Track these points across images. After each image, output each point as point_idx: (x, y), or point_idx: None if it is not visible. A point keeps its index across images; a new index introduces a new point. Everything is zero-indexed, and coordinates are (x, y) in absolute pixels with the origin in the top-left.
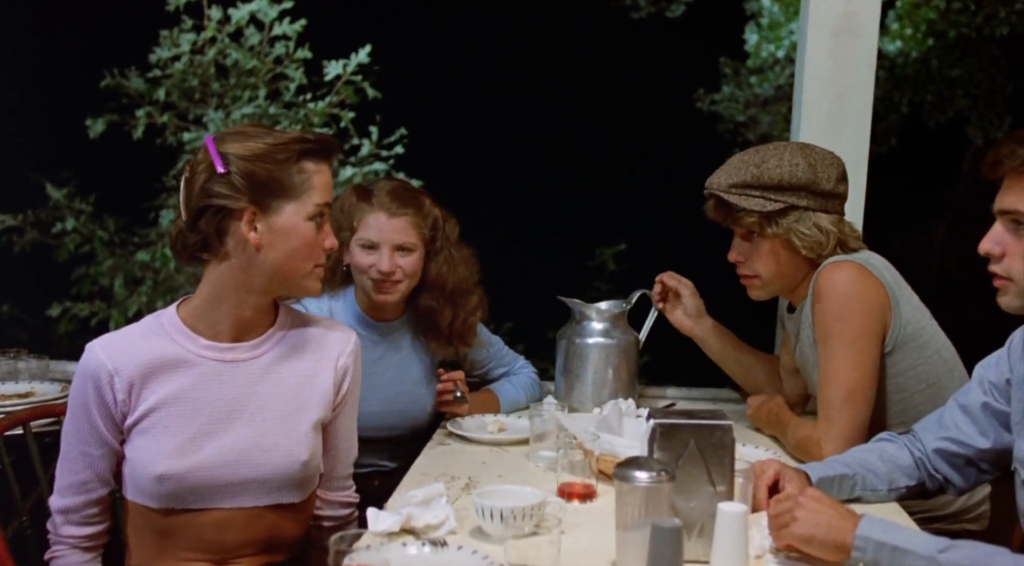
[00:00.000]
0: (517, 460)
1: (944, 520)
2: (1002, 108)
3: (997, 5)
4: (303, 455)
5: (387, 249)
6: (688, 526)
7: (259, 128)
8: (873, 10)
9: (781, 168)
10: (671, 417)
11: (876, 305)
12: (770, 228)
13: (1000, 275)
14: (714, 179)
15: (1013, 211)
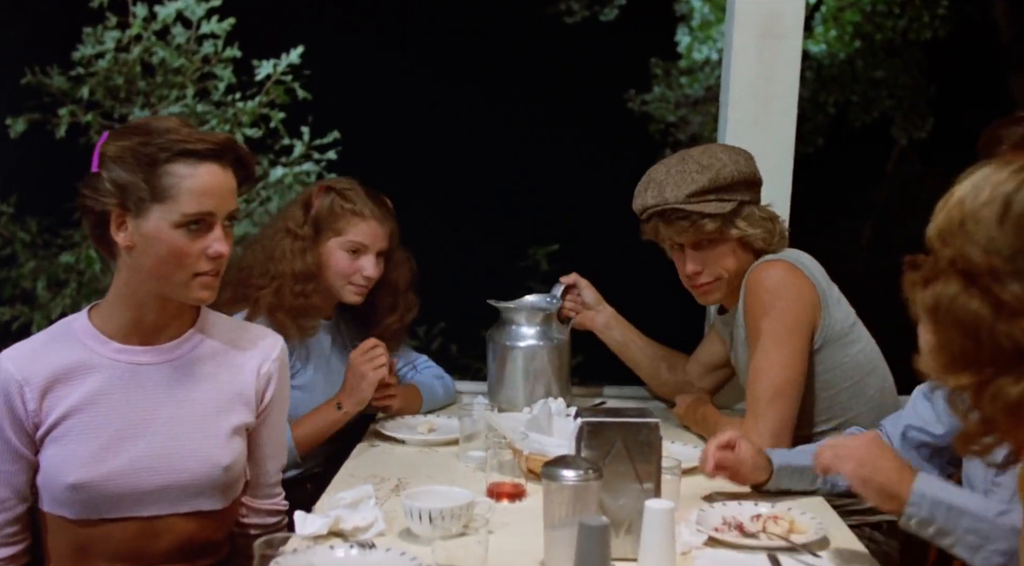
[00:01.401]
0: (447, 461)
1: (865, 513)
2: (925, 109)
3: (920, 10)
4: (224, 460)
5: (374, 255)
6: (616, 524)
7: (151, 122)
8: (797, 12)
9: (727, 167)
10: (598, 416)
11: (806, 303)
12: (730, 229)
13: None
14: (666, 191)
15: None
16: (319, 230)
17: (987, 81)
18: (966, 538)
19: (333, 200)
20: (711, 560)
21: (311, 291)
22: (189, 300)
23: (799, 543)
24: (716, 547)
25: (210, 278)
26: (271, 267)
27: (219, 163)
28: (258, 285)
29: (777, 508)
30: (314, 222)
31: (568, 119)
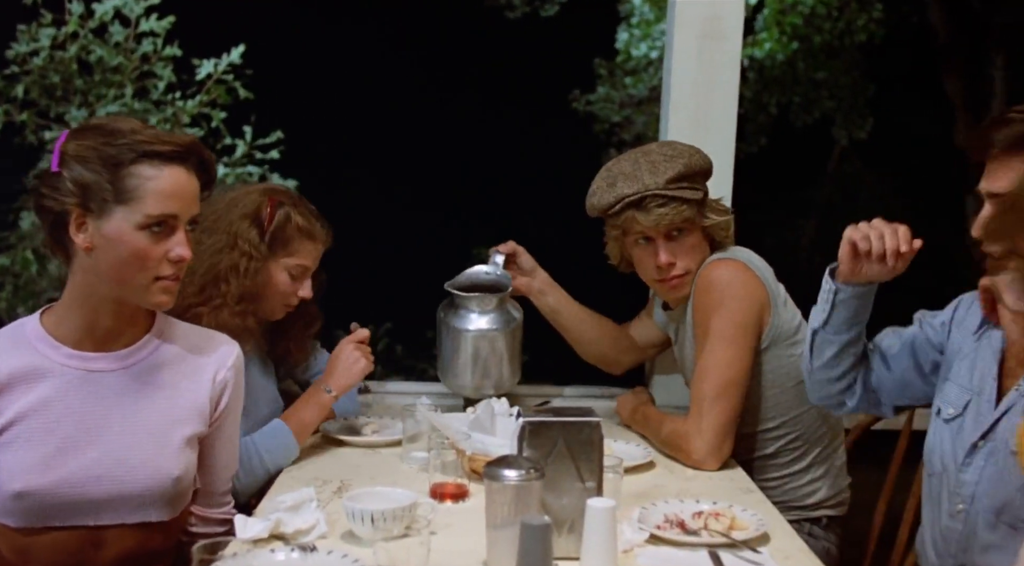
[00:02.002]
0: (390, 462)
1: (805, 509)
2: (864, 110)
3: (857, 13)
4: (175, 471)
5: (310, 277)
6: (558, 523)
7: (114, 122)
8: (737, 14)
9: (695, 157)
10: (540, 415)
11: (756, 303)
12: (702, 218)
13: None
14: (645, 182)
15: (1003, 194)
16: (271, 249)
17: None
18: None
19: (288, 216)
20: (653, 558)
21: (250, 312)
22: (148, 304)
23: (740, 539)
24: (658, 545)
25: (170, 282)
26: (213, 286)
27: (184, 166)
28: (195, 302)
29: (718, 505)
30: (270, 240)
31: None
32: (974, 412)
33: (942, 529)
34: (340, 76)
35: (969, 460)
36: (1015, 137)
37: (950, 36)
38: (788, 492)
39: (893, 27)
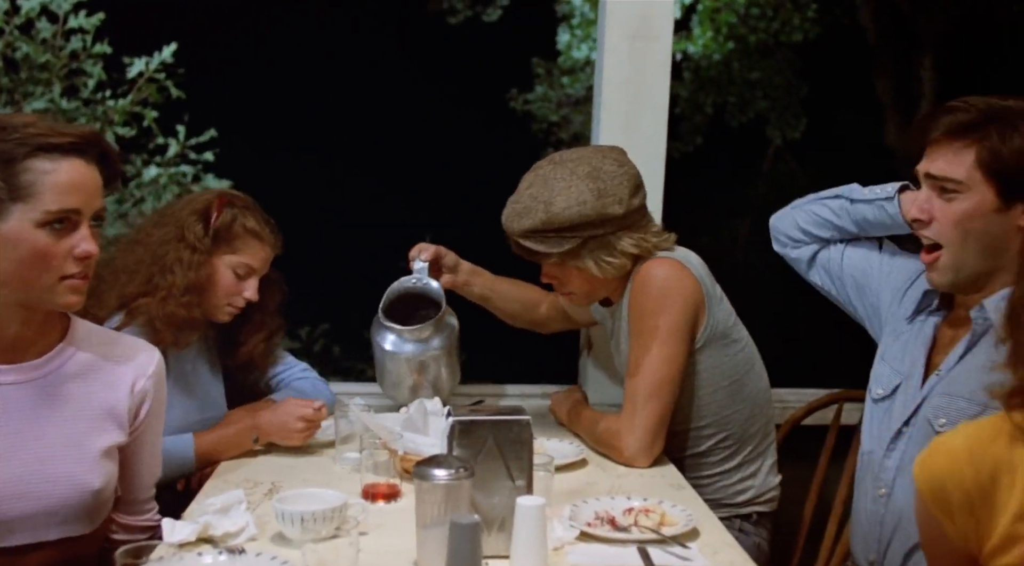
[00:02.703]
0: (323, 463)
1: (736, 506)
2: (798, 109)
3: (791, 13)
4: (95, 483)
5: (257, 278)
6: (488, 522)
7: (7, 118)
8: (666, 14)
9: (569, 209)
10: (470, 415)
11: (691, 302)
12: (572, 262)
13: (928, 239)
14: (509, 222)
15: (941, 177)
16: (216, 245)
17: (856, 82)
18: None
19: (235, 216)
20: (583, 555)
21: (195, 304)
22: (56, 306)
23: (669, 535)
24: (589, 542)
25: (78, 281)
26: (160, 276)
27: (83, 158)
28: (140, 292)
29: (649, 502)
30: (214, 236)
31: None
32: (902, 396)
33: (867, 512)
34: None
35: (893, 445)
36: (958, 124)
37: (880, 37)
38: (720, 489)
39: (825, 28)
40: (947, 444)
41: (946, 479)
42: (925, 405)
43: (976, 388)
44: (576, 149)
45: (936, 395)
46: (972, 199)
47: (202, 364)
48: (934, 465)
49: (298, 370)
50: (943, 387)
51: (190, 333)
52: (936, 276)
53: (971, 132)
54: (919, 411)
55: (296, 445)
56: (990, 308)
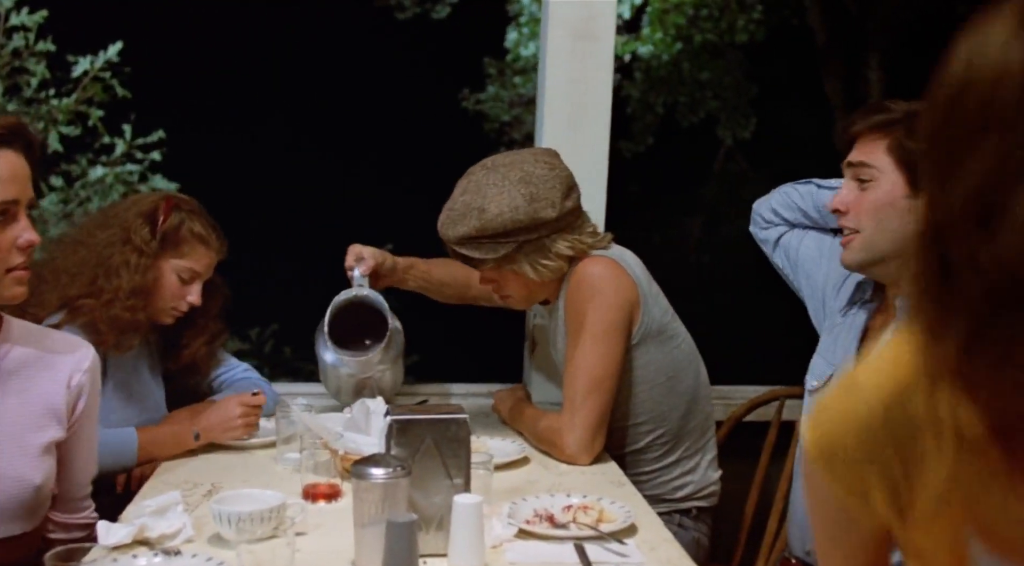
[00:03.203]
0: (264, 463)
1: (675, 501)
2: (747, 110)
3: (737, 14)
4: (36, 479)
5: (201, 283)
6: (427, 520)
7: None
8: (609, 14)
9: (502, 215)
10: (407, 413)
11: (626, 300)
12: (509, 267)
13: (848, 228)
14: (444, 230)
15: (859, 163)
16: (162, 248)
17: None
18: None
19: (183, 220)
20: (521, 552)
21: (140, 307)
22: (3, 299)
23: (606, 532)
24: (527, 539)
25: (22, 272)
26: (104, 279)
27: (12, 149)
28: (83, 293)
29: (588, 499)
30: (161, 239)
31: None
32: None
33: (804, 503)
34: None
35: None
36: (877, 121)
37: (828, 38)
38: (659, 485)
39: (774, 29)
40: (844, 400)
41: (850, 442)
42: None
43: None
44: (508, 153)
45: None
46: (885, 186)
47: (143, 368)
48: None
49: (240, 371)
50: None
51: (133, 336)
52: (847, 255)
53: (887, 127)
54: None
55: (239, 438)
56: None
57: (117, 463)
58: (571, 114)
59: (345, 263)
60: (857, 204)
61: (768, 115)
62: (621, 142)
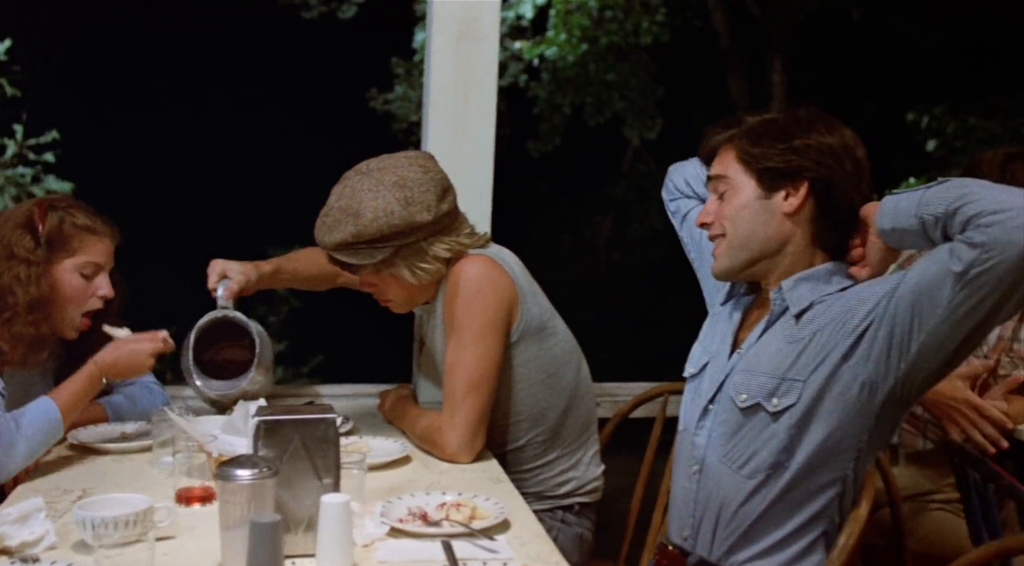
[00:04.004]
0: (140, 468)
1: (558, 498)
2: (654, 111)
3: (640, 16)
4: None
5: (107, 274)
6: (296, 521)
7: None
8: (492, 15)
9: (377, 220)
10: (275, 414)
11: (504, 298)
12: (387, 271)
13: (716, 235)
14: (320, 236)
15: (716, 176)
16: (51, 252)
17: (710, 84)
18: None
19: (62, 218)
20: (392, 550)
21: (43, 319)
22: None
23: (478, 528)
24: (399, 537)
25: None
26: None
27: None
28: None
29: (463, 496)
30: (46, 244)
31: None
32: (710, 374)
33: (682, 490)
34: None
35: (702, 423)
36: (727, 136)
37: (732, 41)
38: (541, 482)
39: (678, 31)
40: None
41: None
42: (728, 382)
43: (773, 364)
44: (383, 157)
45: (737, 372)
46: (739, 193)
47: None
48: None
49: None
50: (744, 364)
51: (39, 351)
52: (716, 264)
53: (733, 139)
54: (723, 388)
55: (147, 369)
56: (786, 289)
57: (50, 435)
58: (456, 115)
59: (208, 284)
60: (719, 214)
61: (674, 115)
62: (529, 142)
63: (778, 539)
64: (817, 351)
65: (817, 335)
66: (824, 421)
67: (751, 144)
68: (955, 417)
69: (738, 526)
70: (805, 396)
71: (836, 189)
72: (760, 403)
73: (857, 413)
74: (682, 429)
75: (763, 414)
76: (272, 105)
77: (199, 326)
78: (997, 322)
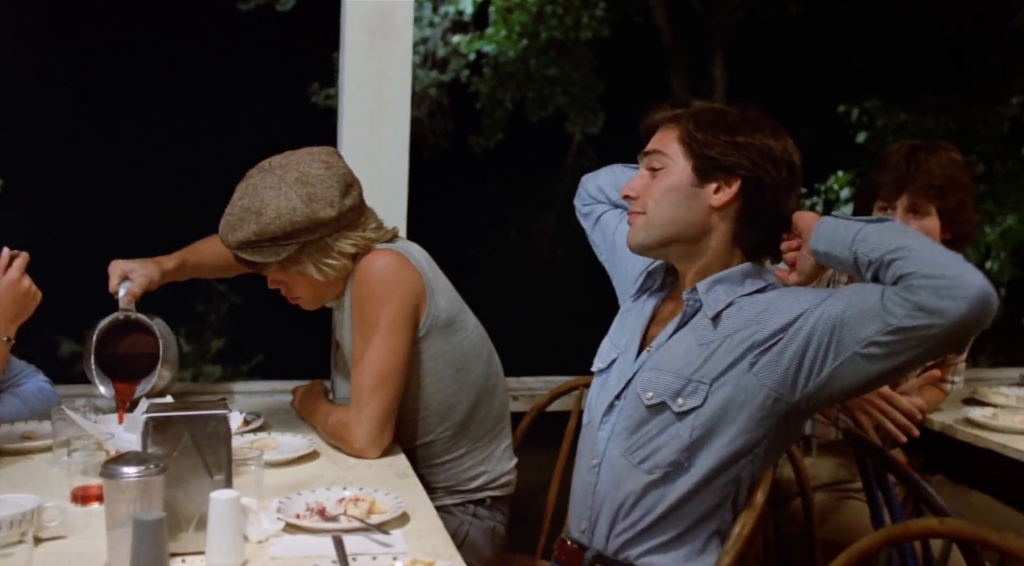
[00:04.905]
0: (39, 467)
1: (469, 492)
2: (596, 105)
3: (580, 11)
4: None
5: None
6: (187, 518)
7: None
8: (406, 10)
9: (280, 218)
10: (164, 410)
11: (411, 293)
12: (293, 268)
13: (636, 212)
14: (224, 236)
15: (652, 151)
16: None
17: (652, 78)
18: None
19: None
20: (286, 546)
21: None
22: None
23: (374, 523)
24: (296, 533)
25: None
26: None
27: None
28: None
29: (363, 491)
30: None
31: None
32: (618, 370)
33: (583, 482)
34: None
35: (606, 418)
36: (672, 114)
37: (674, 36)
38: (452, 476)
39: (620, 26)
40: None
41: None
42: (636, 378)
43: (681, 365)
44: (286, 154)
45: (646, 369)
46: (672, 173)
47: None
48: None
49: (27, 372)
50: (652, 362)
51: None
52: (631, 235)
53: (681, 119)
54: (630, 384)
55: (33, 292)
56: (701, 290)
57: None
58: (371, 111)
59: (109, 286)
60: (646, 189)
61: (616, 110)
62: (471, 137)
63: (674, 535)
64: (725, 356)
65: (727, 340)
66: (728, 426)
67: (697, 129)
68: (867, 408)
69: (634, 521)
70: (711, 400)
71: (766, 193)
72: (666, 402)
73: (760, 421)
74: (586, 423)
75: (668, 413)
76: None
77: (99, 328)
78: (913, 370)
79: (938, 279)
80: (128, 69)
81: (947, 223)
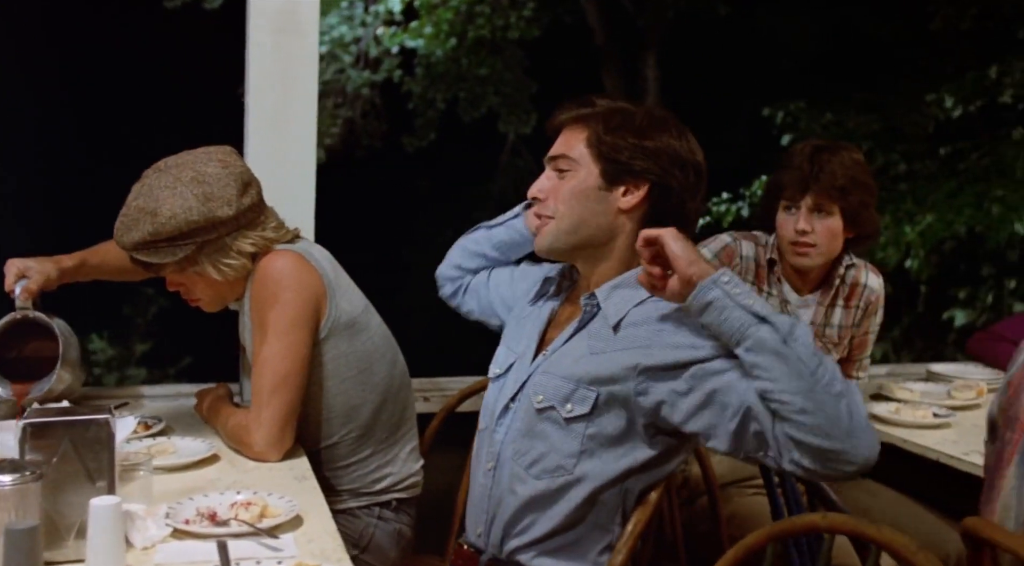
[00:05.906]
0: None
1: (375, 494)
2: (528, 106)
3: (507, 11)
4: None
5: None
6: (67, 527)
7: None
8: (312, 8)
9: (176, 217)
10: (43, 416)
11: (311, 294)
12: (191, 269)
13: (544, 216)
14: (119, 237)
15: (558, 156)
16: None
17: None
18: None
19: None
20: (173, 553)
21: None
22: None
23: (264, 527)
24: (183, 538)
25: None
26: None
27: None
28: None
29: (256, 495)
30: None
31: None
32: (514, 374)
33: (479, 486)
34: None
35: (501, 420)
36: (579, 114)
37: (607, 37)
38: (357, 479)
39: (552, 26)
40: None
41: None
42: (529, 382)
43: (572, 369)
44: (182, 154)
45: (539, 373)
46: (580, 176)
47: None
48: None
49: None
50: (546, 366)
51: None
52: (539, 240)
53: (587, 120)
54: (524, 387)
55: None
56: (600, 297)
57: None
58: (276, 110)
59: (5, 285)
60: (555, 192)
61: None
62: (404, 137)
63: (564, 543)
64: (612, 367)
65: (618, 354)
66: (615, 443)
67: (605, 132)
68: None
69: (526, 527)
70: (599, 411)
71: (673, 196)
72: (555, 406)
73: (648, 441)
74: (482, 428)
75: (557, 418)
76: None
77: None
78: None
79: (825, 446)
80: (50, 68)
81: (849, 223)
